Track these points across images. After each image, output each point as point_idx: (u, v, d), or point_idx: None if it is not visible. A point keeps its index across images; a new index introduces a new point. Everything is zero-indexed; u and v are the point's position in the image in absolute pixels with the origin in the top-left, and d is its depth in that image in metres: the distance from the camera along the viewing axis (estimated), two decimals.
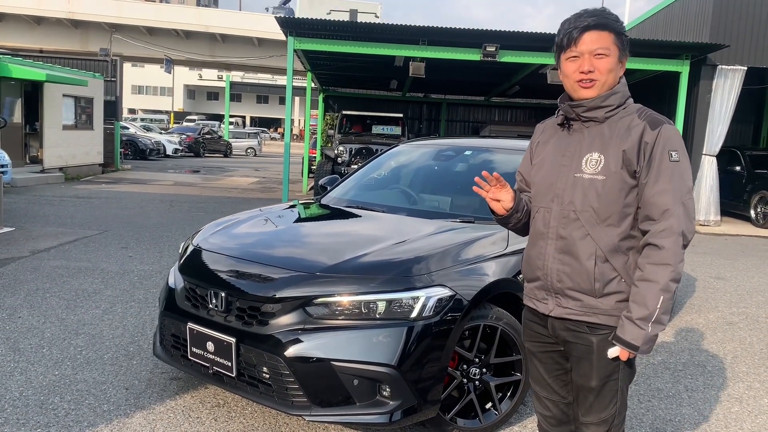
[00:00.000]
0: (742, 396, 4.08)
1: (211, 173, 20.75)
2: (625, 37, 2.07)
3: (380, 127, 16.24)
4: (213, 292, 3.16)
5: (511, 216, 2.22)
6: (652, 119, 2.02)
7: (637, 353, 1.98)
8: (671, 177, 1.96)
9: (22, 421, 3.23)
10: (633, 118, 2.04)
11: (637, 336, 1.95)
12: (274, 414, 3.43)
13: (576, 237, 2.05)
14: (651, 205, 1.97)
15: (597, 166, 2.03)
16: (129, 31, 33.62)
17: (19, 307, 5.11)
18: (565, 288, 2.08)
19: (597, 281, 2.03)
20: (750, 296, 6.89)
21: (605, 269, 2.03)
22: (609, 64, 2.03)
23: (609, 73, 2.03)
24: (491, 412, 3.32)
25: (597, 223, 2.03)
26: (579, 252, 2.04)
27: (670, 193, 1.95)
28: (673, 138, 1.99)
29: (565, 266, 2.08)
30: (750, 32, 12.65)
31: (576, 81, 2.05)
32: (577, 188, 2.06)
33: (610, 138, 2.04)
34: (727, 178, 13.35)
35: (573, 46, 2.04)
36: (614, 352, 2.02)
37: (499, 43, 11.87)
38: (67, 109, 16.38)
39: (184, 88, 72.00)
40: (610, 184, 2.01)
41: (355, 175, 5.01)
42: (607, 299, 2.04)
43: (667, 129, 2.00)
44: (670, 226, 1.94)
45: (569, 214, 2.07)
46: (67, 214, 10.15)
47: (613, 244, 2.02)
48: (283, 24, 11.76)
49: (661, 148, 1.97)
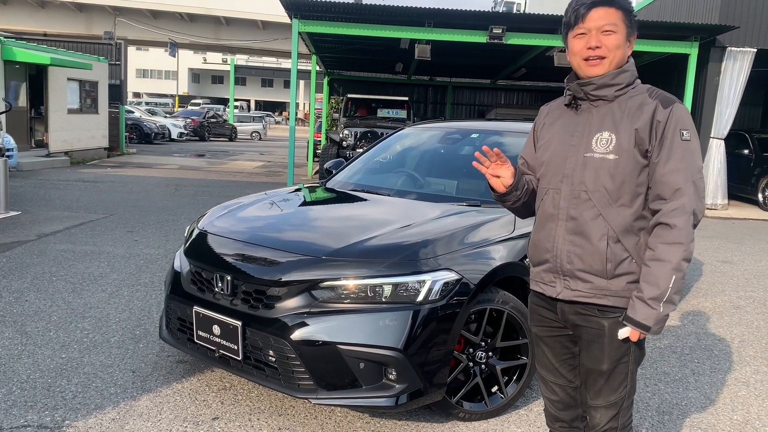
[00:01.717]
0: (749, 380, 4.07)
1: (216, 157, 20.73)
2: (633, 15, 2.04)
3: (385, 110, 16.16)
4: (219, 276, 3.15)
5: (510, 193, 2.18)
6: (664, 98, 2.01)
7: (648, 333, 1.97)
8: (683, 156, 1.94)
9: (30, 403, 3.25)
10: (644, 97, 2.02)
11: (648, 316, 1.93)
12: (281, 397, 3.43)
13: (587, 217, 2.03)
14: (662, 184, 1.95)
15: (608, 145, 2.01)
16: (133, 14, 33.47)
17: (25, 290, 5.13)
18: (576, 269, 2.06)
19: (609, 262, 2.01)
20: (757, 280, 6.85)
21: (617, 250, 2.01)
22: (617, 40, 2.00)
23: (617, 49, 2.01)
24: (497, 396, 3.32)
25: (609, 203, 2.00)
26: (591, 232, 2.02)
27: (681, 172, 1.93)
28: (684, 117, 1.98)
29: (576, 247, 2.05)
30: (760, 13, 12.48)
31: (583, 59, 2.03)
32: (588, 168, 2.03)
33: (621, 117, 2.01)
34: (734, 162, 13.26)
35: (580, 23, 2.02)
36: (625, 333, 2.00)
37: (506, 25, 11.77)
38: (71, 93, 16.35)
39: (188, 71, 71.78)
40: (623, 163, 1.98)
41: (360, 158, 4.98)
42: (618, 280, 2.02)
43: (679, 108, 1.99)
44: (682, 205, 1.92)
45: (580, 195, 2.04)
46: (72, 197, 10.16)
47: (626, 224, 2.00)
48: (287, 6, 11.67)
49: (673, 127, 1.95)
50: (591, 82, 2.04)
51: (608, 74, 2.02)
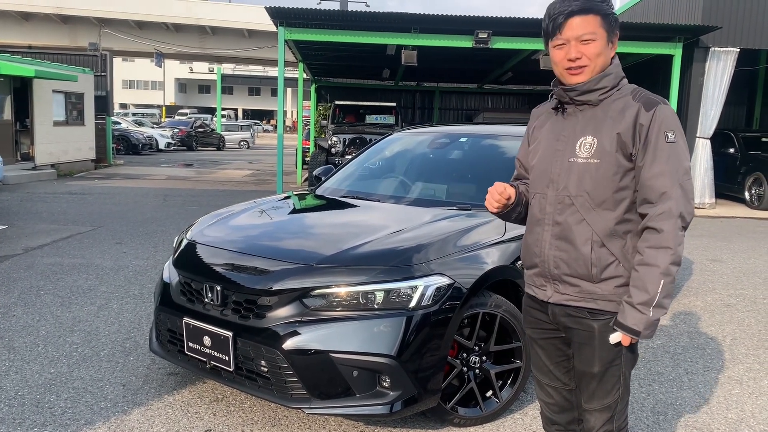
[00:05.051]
0: (742, 378, 4.08)
1: (205, 167, 20.64)
2: (613, 16, 2.01)
3: (373, 116, 16.15)
4: (209, 286, 3.12)
5: (512, 211, 2.22)
6: (646, 100, 1.98)
7: (639, 338, 1.96)
8: (668, 159, 1.92)
9: (18, 420, 3.20)
10: (628, 99, 2.00)
11: (638, 321, 1.92)
12: (274, 407, 3.40)
13: (571, 222, 2.03)
14: (648, 188, 1.94)
15: (591, 150, 2.00)
16: (118, 25, 33.33)
17: (13, 305, 5.06)
18: (563, 274, 2.06)
19: (594, 266, 2.00)
20: (747, 278, 6.89)
21: (602, 254, 2.00)
22: (597, 48, 1.98)
23: (597, 57, 1.98)
24: (492, 400, 3.30)
25: (592, 207, 2.00)
26: (575, 237, 2.02)
27: (667, 175, 1.91)
28: (668, 119, 1.95)
29: (562, 252, 2.05)
30: (742, 13, 12.61)
31: (565, 69, 2.02)
32: (572, 173, 2.03)
33: (604, 120, 2.00)
34: (721, 161, 13.35)
35: (558, 34, 1.99)
36: (616, 338, 1.99)
37: (492, 30, 11.80)
38: (57, 105, 16.25)
39: (175, 81, 71.57)
40: (604, 167, 1.97)
41: (349, 164, 4.96)
42: (606, 284, 2.01)
43: (663, 110, 1.95)
44: (668, 209, 1.90)
45: (564, 200, 2.04)
46: (60, 210, 10.07)
47: (609, 229, 1.99)
48: (273, 14, 11.66)
49: (657, 130, 1.93)
50: (574, 88, 2.03)
51: (592, 80, 2.01)
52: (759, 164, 12.80)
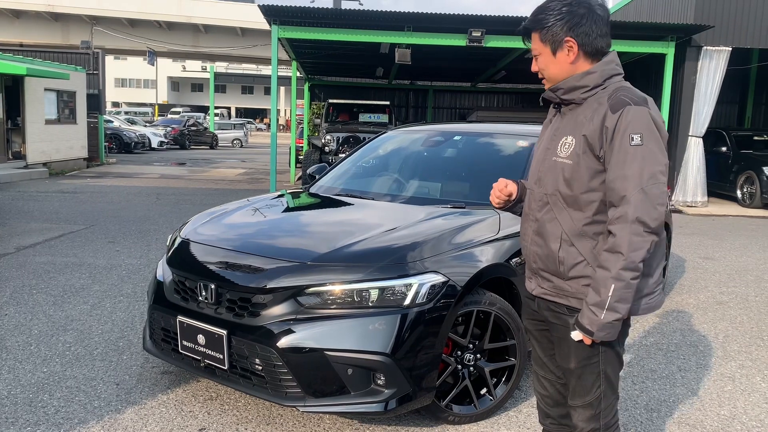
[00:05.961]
0: (734, 375, 4.10)
1: (198, 165, 20.58)
2: (548, 28, 2.01)
3: (367, 115, 16.15)
4: (202, 284, 3.11)
5: (514, 206, 2.32)
6: (615, 101, 1.93)
7: (593, 338, 1.97)
8: (631, 162, 1.88)
9: (11, 420, 3.18)
10: (603, 100, 1.97)
11: (592, 321, 1.94)
12: (268, 406, 3.39)
13: (545, 220, 2.09)
14: (611, 190, 1.93)
15: (569, 150, 2.03)
16: (110, 23, 33.17)
17: (5, 304, 5.04)
18: (539, 269, 2.14)
19: (561, 264, 2.04)
20: (739, 275, 6.93)
21: (571, 253, 2.03)
22: (543, 62, 2.08)
23: (548, 68, 2.08)
24: (486, 398, 3.31)
25: (563, 207, 2.04)
26: (548, 234, 2.08)
27: (628, 179, 1.88)
28: (635, 121, 1.89)
29: (538, 248, 2.12)
30: (734, 12, 12.66)
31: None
32: (552, 171, 2.07)
33: (582, 120, 2.01)
34: (713, 159, 13.41)
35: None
36: (577, 336, 2.02)
37: (485, 28, 11.81)
38: (49, 104, 16.15)
39: (167, 80, 71.31)
40: (575, 168, 1.99)
41: (343, 162, 4.96)
42: (574, 282, 2.04)
43: (630, 111, 1.90)
44: (624, 213, 1.88)
45: (542, 197, 2.10)
46: (52, 209, 10.02)
47: (578, 229, 2.01)
48: (266, 12, 11.63)
49: (622, 133, 1.89)
50: (559, 87, 2.07)
51: (574, 76, 2.03)
52: (751, 163, 12.87)
